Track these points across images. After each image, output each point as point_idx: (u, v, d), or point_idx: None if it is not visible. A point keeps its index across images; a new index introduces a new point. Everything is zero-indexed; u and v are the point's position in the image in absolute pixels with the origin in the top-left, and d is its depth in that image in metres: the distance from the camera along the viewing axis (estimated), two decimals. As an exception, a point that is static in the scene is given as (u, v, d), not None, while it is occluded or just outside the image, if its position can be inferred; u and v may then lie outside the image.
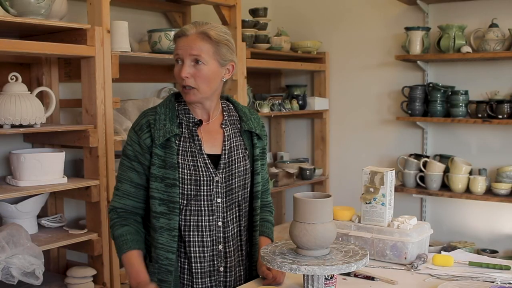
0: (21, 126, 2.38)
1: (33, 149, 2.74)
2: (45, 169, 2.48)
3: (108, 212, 1.84)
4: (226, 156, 1.80)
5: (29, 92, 2.47)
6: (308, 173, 4.15)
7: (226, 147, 1.81)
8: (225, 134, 1.83)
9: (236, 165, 1.81)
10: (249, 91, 3.70)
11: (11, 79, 2.45)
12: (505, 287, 1.66)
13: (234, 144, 1.84)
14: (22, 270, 2.22)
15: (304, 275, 1.53)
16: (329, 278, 1.61)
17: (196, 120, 1.81)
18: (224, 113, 1.88)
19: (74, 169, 2.97)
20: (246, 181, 1.85)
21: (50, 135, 2.69)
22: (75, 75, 2.73)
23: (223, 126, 1.84)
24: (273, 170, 4.07)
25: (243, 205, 1.85)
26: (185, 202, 1.75)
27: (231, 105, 1.92)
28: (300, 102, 4.11)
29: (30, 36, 2.67)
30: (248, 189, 1.86)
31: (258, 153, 1.88)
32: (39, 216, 2.71)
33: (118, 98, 2.71)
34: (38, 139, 2.77)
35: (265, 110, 3.77)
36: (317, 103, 4.21)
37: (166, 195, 1.73)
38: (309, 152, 4.55)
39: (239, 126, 1.87)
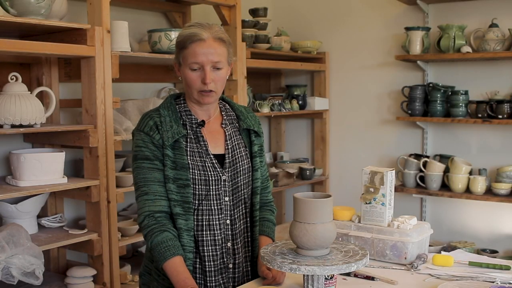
0: (21, 126, 2.38)
1: (33, 149, 2.74)
2: (45, 169, 2.48)
3: (142, 220, 1.76)
4: (230, 155, 1.84)
5: (29, 92, 2.47)
6: (308, 173, 4.15)
7: (229, 146, 1.85)
8: (226, 133, 1.86)
9: (240, 164, 1.85)
10: (249, 91, 3.70)
11: (11, 79, 2.45)
12: (505, 287, 1.66)
13: (236, 143, 1.87)
14: (22, 270, 2.22)
15: (304, 275, 1.53)
16: (329, 278, 1.60)
17: (199, 121, 1.83)
18: (223, 113, 1.91)
19: (74, 169, 2.98)
20: (250, 179, 1.88)
21: (50, 135, 2.69)
22: (75, 75, 2.73)
23: (223, 126, 1.88)
24: (273, 170, 4.06)
25: (248, 202, 1.89)
26: (197, 202, 1.78)
27: (227, 104, 1.96)
28: (300, 102, 4.11)
29: (30, 36, 2.67)
30: (251, 186, 1.90)
31: (257, 150, 1.91)
32: (39, 216, 2.71)
33: (118, 98, 2.71)
34: (38, 139, 2.77)
35: (265, 110, 3.77)
36: (317, 103, 4.21)
37: (180, 196, 1.75)
38: (309, 152, 4.55)
39: (237, 125, 1.91)
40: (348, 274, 1.84)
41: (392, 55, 3.99)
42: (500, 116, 3.48)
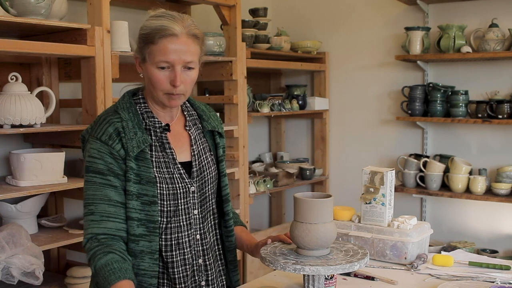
0: (21, 126, 2.38)
1: (33, 149, 2.74)
2: (45, 169, 2.47)
3: (85, 243, 1.54)
4: (197, 162, 1.64)
5: (29, 92, 2.47)
6: (308, 173, 4.15)
7: (195, 152, 1.65)
8: (191, 136, 1.67)
9: (207, 171, 1.67)
10: (249, 91, 3.70)
11: (11, 79, 2.45)
12: (505, 287, 1.66)
13: (201, 147, 1.68)
14: (22, 270, 2.22)
15: (304, 275, 1.53)
16: (329, 278, 1.60)
17: (163, 125, 1.62)
18: (185, 113, 1.70)
19: (74, 169, 2.97)
20: (216, 187, 1.72)
21: (50, 135, 2.69)
22: (75, 75, 2.73)
23: (187, 128, 1.67)
24: (273, 170, 4.07)
25: (217, 212, 1.73)
26: (165, 220, 1.57)
27: (187, 102, 1.74)
28: (300, 102, 4.11)
29: (30, 36, 2.67)
30: (220, 194, 1.74)
31: (222, 153, 1.73)
32: (39, 216, 2.70)
33: (118, 98, 2.70)
34: (38, 139, 2.77)
35: (265, 110, 3.77)
36: (317, 103, 4.21)
37: (144, 214, 1.53)
38: (309, 152, 4.55)
39: (200, 126, 1.71)
40: (348, 274, 1.84)
41: (392, 55, 3.99)
42: (500, 116, 3.48)
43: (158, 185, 1.55)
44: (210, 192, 1.68)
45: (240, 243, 1.79)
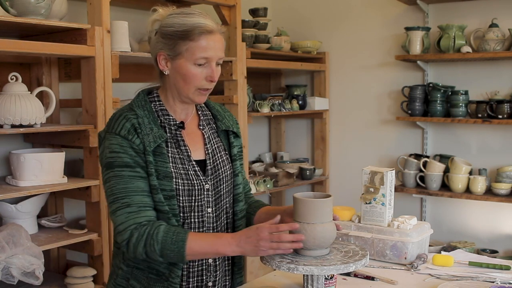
0: (21, 126, 2.38)
1: (33, 149, 2.74)
2: (45, 169, 2.48)
3: (129, 235, 1.51)
4: (211, 161, 1.67)
5: (29, 92, 2.47)
6: (308, 173, 4.15)
7: (209, 151, 1.68)
8: (205, 136, 1.70)
9: (222, 170, 1.69)
10: (249, 91, 3.70)
11: (11, 79, 2.45)
12: (505, 287, 1.66)
13: (215, 146, 1.71)
14: (22, 270, 2.22)
15: (304, 275, 1.53)
16: (329, 278, 1.60)
17: (178, 122, 1.65)
18: (199, 112, 1.73)
19: (74, 169, 2.97)
20: (232, 186, 1.73)
21: (50, 135, 2.69)
22: (75, 75, 2.74)
23: (201, 127, 1.71)
24: (273, 170, 4.07)
25: (230, 212, 1.73)
26: (182, 215, 1.60)
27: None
28: (300, 102, 4.11)
29: (30, 36, 2.67)
30: (232, 193, 1.74)
31: (236, 152, 1.75)
32: (39, 216, 2.70)
33: (118, 98, 2.71)
34: (38, 139, 2.77)
35: (265, 110, 3.77)
36: (317, 103, 4.21)
37: (168, 207, 1.56)
38: (309, 152, 4.55)
39: (214, 126, 1.74)
40: (348, 274, 1.84)
41: (392, 55, 3.99)
42: (500, 116, 3.48)
43: (175, 180, 1.58)
44: (224, 191, 1.70)
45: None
